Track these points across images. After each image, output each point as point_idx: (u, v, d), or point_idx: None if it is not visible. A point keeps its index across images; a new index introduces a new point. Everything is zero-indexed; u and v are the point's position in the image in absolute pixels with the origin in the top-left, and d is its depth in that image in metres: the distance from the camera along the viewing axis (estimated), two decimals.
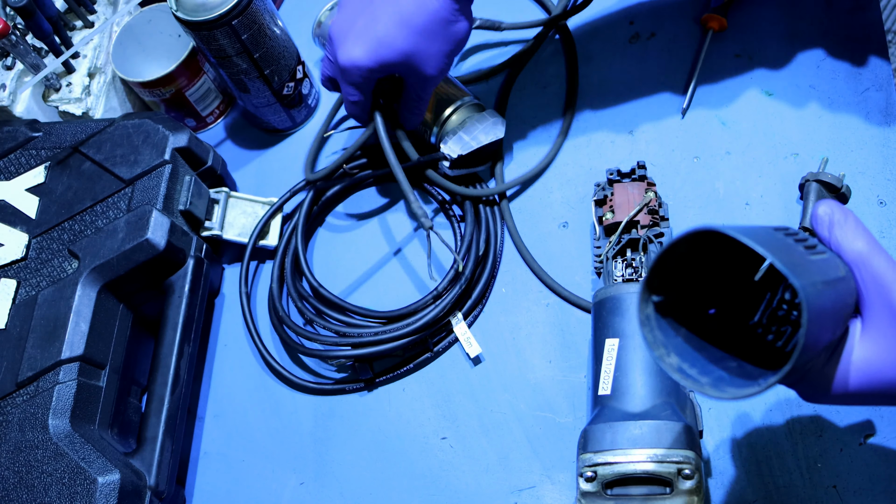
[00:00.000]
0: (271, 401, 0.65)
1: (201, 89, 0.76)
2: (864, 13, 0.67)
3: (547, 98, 0.71)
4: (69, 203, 0.64)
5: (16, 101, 0.72)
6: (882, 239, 0.58)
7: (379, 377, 0.63)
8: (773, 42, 0.68)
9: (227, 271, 0.72)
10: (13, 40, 0.67)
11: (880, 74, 0.64)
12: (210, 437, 0.65)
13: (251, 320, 0.67)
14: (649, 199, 0.57)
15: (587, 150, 0.68)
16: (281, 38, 0.69)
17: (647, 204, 0.57)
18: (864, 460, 0.51)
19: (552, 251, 0.65)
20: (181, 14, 0.63)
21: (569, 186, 0.67)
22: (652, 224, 0.57)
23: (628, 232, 0.57)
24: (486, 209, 0.66)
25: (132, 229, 0.61)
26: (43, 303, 0.59)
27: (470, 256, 0.63)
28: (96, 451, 0.54)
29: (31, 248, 0.63)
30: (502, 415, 0.60)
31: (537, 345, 0.61)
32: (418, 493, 0.59)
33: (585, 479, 0.48)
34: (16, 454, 0.54)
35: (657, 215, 0.58)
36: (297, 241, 0.67)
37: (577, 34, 0.73)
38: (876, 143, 0.61)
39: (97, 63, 0.75)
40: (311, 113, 0.78)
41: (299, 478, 0.61)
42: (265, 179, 0.76)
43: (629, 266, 0.55)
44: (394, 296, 0.66)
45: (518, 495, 0.57)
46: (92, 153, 0.65)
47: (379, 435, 0.62)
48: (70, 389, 0.56)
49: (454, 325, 0.62)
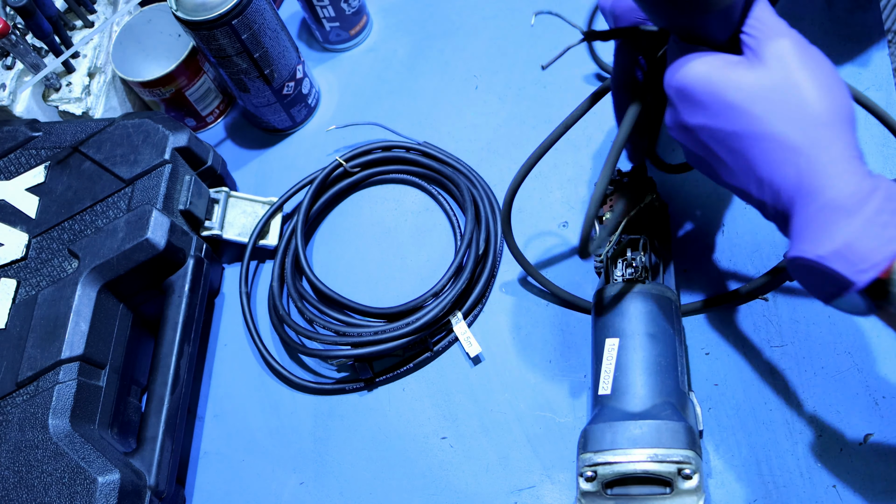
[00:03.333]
0: (271, 401, 0.65)
1: (201, 89, 0.76)
2: (864, 13, 0.67)
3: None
4: (69, 203, 0.64)
5: (16, 101, 0.72)
6: None
7: (379, 377, 0.63)
8: None
9: (227, 271, 0.72)
10: (13, 40, 0.67)
11: (880, 74, 0.64)
12: (210, 436, 0.65)
13: (251, 320, 0.67)
14: (650, 199, 0.57)
15: (587, 150, 0.68)
16: (281, 38, 0.69)
17: (647, 204, 0.57)
18: (864, 460, 0.51)
19: (552, 251, 0.65)
20: (181, 14, 0.63)
21: (569, 186, 0.67)
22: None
23: (628, 232, 0.57)
24: (486, 208, 0.66)
25: (132, 229, 0.61)
26: (43, 302, 0.59)
27: (470, 254, 0.63)
28: (96, 451, 0.54)
29: (31, 247, 0.63)
30: (502, 415, 0.60)
31: (537, 345, 0.61)
32: (418, 493, 0.59)
33: (585, 479, 0.48)
34: (16, 454, 0.54)
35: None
36: (297, 240, 0.67)
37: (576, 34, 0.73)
38: (876, 143, 0.61)
39: (97, 63, 0.75)
40: (311, 113, 0.78)
41: (299, 478, 0.61)
42: (265, 179, 0.76)
43: (629, 266, 0.55)
44: (394, 296, 0.66)
45: (518, 495, 0.57)
46: (92, 153, 0.66)
47: (379, 435, 0.62)
48: (70, 389, 0.56)
49: (454, 324, 0.62)
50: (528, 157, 0.56)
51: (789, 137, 0.39)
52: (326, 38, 0.79)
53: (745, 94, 0.40)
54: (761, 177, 0.40)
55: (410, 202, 0.71)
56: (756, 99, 0.39)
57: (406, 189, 0.71)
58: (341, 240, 0.71)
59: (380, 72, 0.79)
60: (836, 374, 0.54)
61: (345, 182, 0.71)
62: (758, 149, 0.40)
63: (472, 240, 0.63)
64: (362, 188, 0.72)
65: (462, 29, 0.79)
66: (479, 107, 0.73)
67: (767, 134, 0.39)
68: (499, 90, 0.74)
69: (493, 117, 0.73)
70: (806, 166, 0.38)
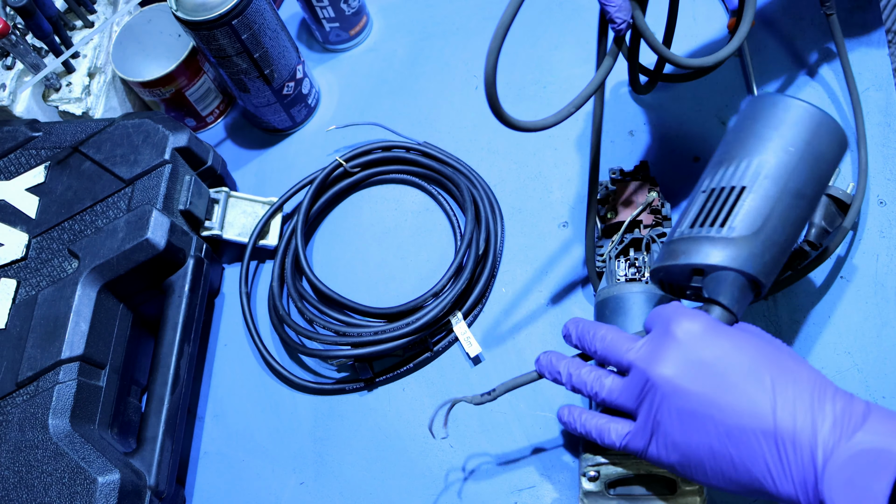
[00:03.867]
0: (271, 401, 0.65)
1: (201, 89, 0.76)
2: (864, 13, 0.67)
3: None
4: (69, 203, 0.64)
5: (16, 101, 0.72)
6: (882, 238, 0.58)
7: (379, 377, 0.63)
8: (772, 41, 0.68)
9: (227, 271, 0.72)
10: (13, 40, 0.67)
11: (880, 74, 0.64)
12: (210, 436, 0.65)
13: (251, 320, 0.67)
14: (652, 198, 0.57)
15: (587, 150, 0.68)
16: (281, 38, 0.69)
17: (649, 203, 0.57)
18: None
19: (552, 251, 0.65)
20: (181, 14, 0.63)
21: (569, 186, 0.67)
22: (654, 224, 0.57)
23: (631, 232, 0.57)
24: (486, 208, 0.66)
25: (132, 229, 0.61)
26: (43, 302, 0.59)
27: (470, 254, 0.63)
28: (96, 451, 0.54)
29: (31, 247, 0.63)
30: (502, 415, 0.60)
31: (537, 345, 0.61)
32: (418, 493, 0.59)
33: (588, 479, 0.48)
34: (16, 454, 0.54)
35: (660, 215, 0.58)
36: (297, 240, 0.67)
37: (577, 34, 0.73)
38: (876, 143, 0.61)
39: (97, 63, 0.75)
40: (311, 113, 0.78)
41: (299, 478, 0.61)
42: (265, 179, 0.76)
43: (632, 266, 0.55)
44: (394, 296, 0.66)
45: (518, 495, 0.57)
46: (92, 153, 0.65)
47: (379, 435, 0.61)
48: (70, 389, 0.56)
49: (454, 324, 0.62)
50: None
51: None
52: (326, 38, 0.79)
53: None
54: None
55: (410, 202, 0.71)
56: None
57: (406, 189, 0.71)
58: (341, 240, 0.71)
59: (380, 72, 0.79)
60: (837, 374, 0.54)
61: (345, 182, 0.71)
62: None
63: (472, 240, 0.63)
64: (362, 188, 0.72)
65: (462, 29, 0.79)
66: (479, 107, 0.73)
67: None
68: (499, 90, 0.74)
69: (492, 117, 0.72)
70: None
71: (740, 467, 0.39)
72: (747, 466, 0.38)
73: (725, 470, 0.39)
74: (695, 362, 0.40)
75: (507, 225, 0.67)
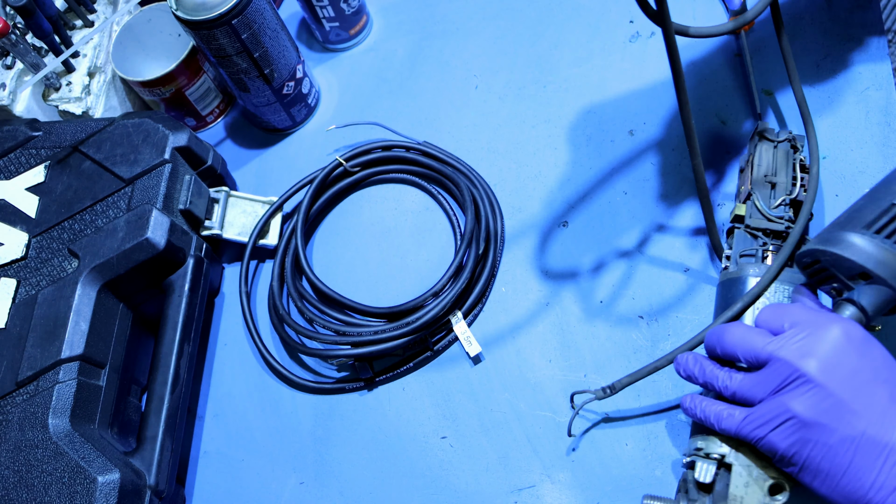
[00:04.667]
0: (271, 400, 0.65)
1: (201, 88, 0.76)
2: (864, 13, 0.67)
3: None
4: (69, 202, 0.64)
5: (16, 101, 0.72)
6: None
7: (379, 376, 0.63)
8: (772, 41, 0.68)
9: (227, 271, 0.72)
10: (13, 39, 0.67)
11: (880, 74, 0.64)
12: (210, 436, 0.65)
13: (251, 320, 0.67)
14: (799, 156, 0.56)
15: (587, 149, 0.68)
16: (281, 38, 0.69)
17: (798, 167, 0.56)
18: None
19: (552, 251, 0.65)
20: (181, 13, 0.63)
21: (569, 186, 0.67)
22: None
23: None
24: (486, 208, 0.66)
25: (132, 228, 0.61)
26: (43, 302, 0.59)
27: (470, 254, 0.63)
28: (96, 451, 0.54)
29: (31, 247, 0.63)
30: (502, 414, 0.60)
31: (537, 345, 0.61)
32: (418, 493, 0.59)
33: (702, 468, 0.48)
34: (16, 453, 0.54)
35: (802, 182, 0.56)
36: (297, 240, 0.67)
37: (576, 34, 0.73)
38: (876, 143, 0.61)
39: (97, 62, 0.75)
40: (311, 112, 0.78)
41: (299, 477, 0.61)
42: (265, 179, 0.76)
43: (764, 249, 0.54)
44: (394, 296, 0.66)
45: (518, 495, 0.57)
46: (92, 152, 0.65)
47: (379, 434, 0.61)
48: (70, 389, 0.55)
49: (454, 324, 0.62)
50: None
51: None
52: (326, 37, 0.79)
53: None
54: None
55: (410, 202, 0.71)
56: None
57: (406, 189, 0.71)
58: (341, 239, 0.71)
59: (380, 72, 0.79)
60: None
61: (345, 182, 0.71)
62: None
63: (472, 239, 0.63)
64: (362, 188, 0.72)
65: (462, 29, 0.79)
66: (479, 107, 0.73)
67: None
68: (499, 90, 0.74)
69: (493, 117, 0.73)
70: None
71: (850, 472, 0.41)
72: (859, 473, 0.41)
73: (833, 471, 0.42)
74: (845, 365, 0.42)
75: (507, 225, 0.67)
